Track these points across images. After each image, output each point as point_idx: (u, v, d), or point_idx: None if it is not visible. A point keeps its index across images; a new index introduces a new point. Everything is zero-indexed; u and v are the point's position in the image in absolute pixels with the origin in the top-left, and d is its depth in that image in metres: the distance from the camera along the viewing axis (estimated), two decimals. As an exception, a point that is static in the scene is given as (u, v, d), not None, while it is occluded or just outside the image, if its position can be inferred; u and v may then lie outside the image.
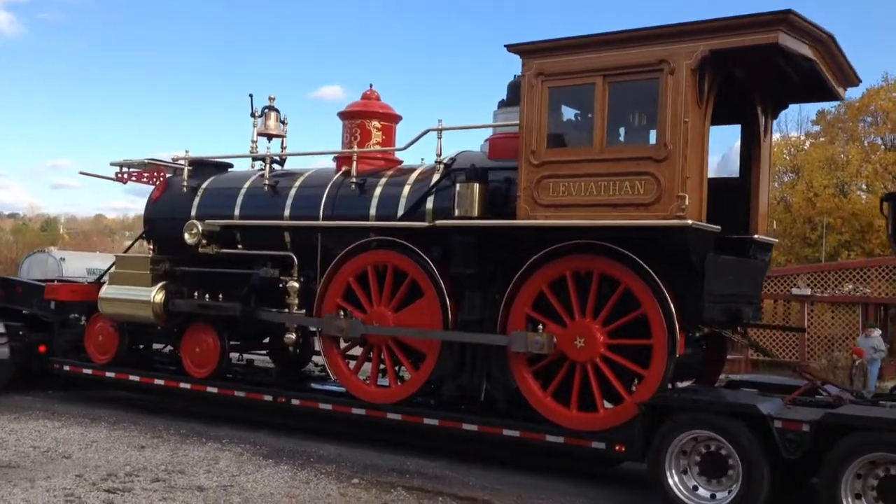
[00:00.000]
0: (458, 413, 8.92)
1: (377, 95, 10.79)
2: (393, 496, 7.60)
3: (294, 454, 9.12)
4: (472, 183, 8.66)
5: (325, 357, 9.88)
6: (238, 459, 8.81)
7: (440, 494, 7.69)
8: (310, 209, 10.21)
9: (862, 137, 34.15)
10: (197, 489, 7.57)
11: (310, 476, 8.18)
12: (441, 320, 8.97)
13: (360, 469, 8.56)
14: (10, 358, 12.34)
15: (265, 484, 7.85)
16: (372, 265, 9.53)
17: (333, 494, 7.56)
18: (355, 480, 8.07)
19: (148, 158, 12.17)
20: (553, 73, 7.99)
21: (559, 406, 8.29)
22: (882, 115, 33.63)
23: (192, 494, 7.39)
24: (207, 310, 10.57)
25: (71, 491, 7.38)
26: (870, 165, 33.31)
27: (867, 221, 30.51)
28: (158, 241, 11.50)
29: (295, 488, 7.73)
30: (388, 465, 8.76)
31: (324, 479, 8.10)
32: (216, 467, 8.41)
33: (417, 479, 8.29)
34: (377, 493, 7.67)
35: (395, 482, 8.06)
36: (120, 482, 7.73)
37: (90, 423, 10.56)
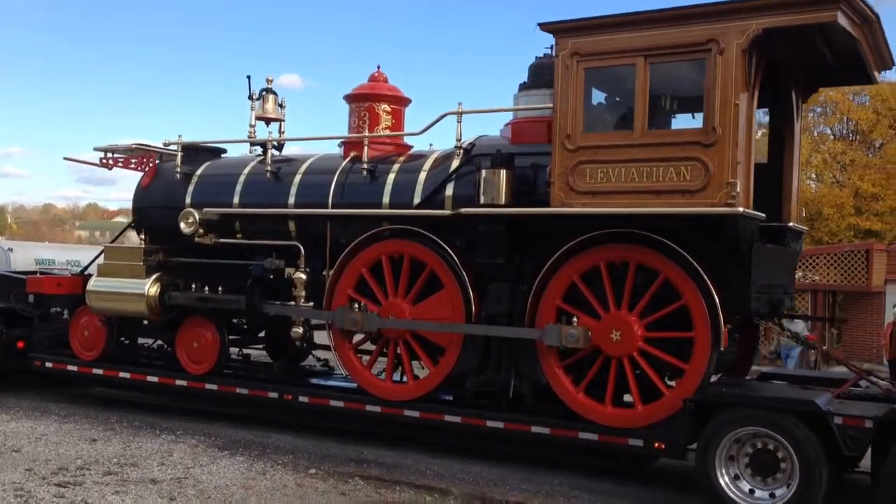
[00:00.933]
0: (481, 410, 8.52)
1: (385, 77, 10.30)
2: (350, 486, 7.53)
3: (250, 445, 9.00)
4: (498, 169, 8.25)
5: (337, 352, 9.39)
6: (192, 451, 8.66)
7: (398, 483, 7.65)
8: (317, 197, 9.70)
9: (811, 128, 34.41)
10: (150, 482, 7.40)
11: (266, 467, 8.08)
12: (463, 313, 8.55)
13: (317, 459, 8.47)
14: None
15: (220, 475, 7.72)
16: (387, 255, 9.07)
17: (290, 485, 7.48)
18: (312, 471, 7.97)
19: (136, 143, 11.54)
20: (590, 53, 7.59)
21: (593, 402, 7.94)
22: (831, 106, 33.99)
23: (146, 487, 7.22)
24: (207, 303, 10.01)
25: (21, 485, 7.13)
26: (819, 155, 33.80)
27: (816, 210, 30.88)
28: (150, 231, 10.88)
29: (251, 479, 7.62)
30: (345, 455, 8.69)
31: (280, 469, 8.01)
32: (170, 459, 8.26)
33: (375, 468, 8.24)
34: (334, 483, 7.60)
35: (352, 472, 7.99)
36: (71, 476, 7.53)
37: (40, 416, 10.22)
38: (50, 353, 11.61)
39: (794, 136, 8.66)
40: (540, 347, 8.12)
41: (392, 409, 8.94)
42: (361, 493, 7.39)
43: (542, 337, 7.94)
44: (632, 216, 7.40)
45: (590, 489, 7.80)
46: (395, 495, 7.38)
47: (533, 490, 7.73)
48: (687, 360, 7.56)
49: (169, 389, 10.62)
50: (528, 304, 8.17)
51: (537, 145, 8.56)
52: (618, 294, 7.81)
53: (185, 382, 10.31)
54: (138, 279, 10.37)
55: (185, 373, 10.33)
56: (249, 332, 11.27)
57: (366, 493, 7.39)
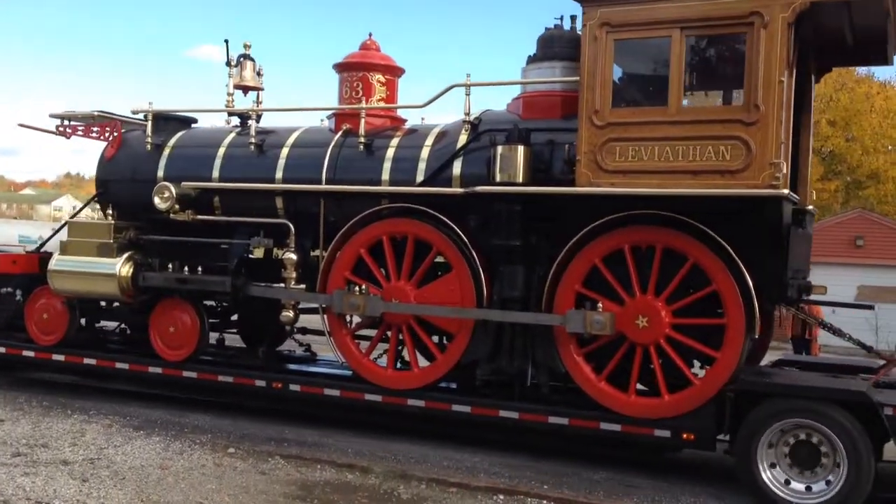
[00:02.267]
0: (493, 399, 8.12)
1: (377, 46, 9.67)
2: (270, 465, 7.44)
3: (167, 425, 8.80)
4: (515, 145, 7.78)
5: (333, 338, 8.83)
6: (106, 431, 8.42)
7: (318, 462, 7.56)
8: (308, 172, 9.06)
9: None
10: (62, 463, 7.18)
11: (183, 447, 7.92)
12: (473, 297, 8.09)
13: (236, 439, 8.34)
14: None
15: (135, 456, 7.54)
16: (388, 235, 8.53)
17: (208, 465, 7.33)
18: (231, 450, 7.86)
19: (97, 110, 10.65)
20: (621, 23, 7.16)
21: (616, 391, 7.61)
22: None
23: (57, 469, 7.00)
24: (187, 284, 9.31)
25: (-78, 469, 6.83)
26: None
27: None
28: (117, 206, 10.06)
29: (168, 460, 7.45)
30: (264, 435, 8.58)
31: (198, 449, 7.87)
32: (82, 440, 8.01)
33: (295, 447, 8.13)
34: (254, 462, 7.50)
35: (272, 451, 7.88)
36: (-23, 458, 7.22)
37: (-57, 398, 9.76)
38: (2, 337, 10.72)
39: (809, 117, 8.43)
40: (559, 334, 7.75)
41: (394, 399, 8.45)
42: (281, 471, 7.27)
43: (564, 323, 7.55)
44: (671, 197, 7.02)
45: (510, 465, 7.80)
46: (315, 474, 7.27)
47: (454, 467, 7.70)
48: (714, 347, 7.29)
49: (140, 377, 9.92)
50: (546, 289, 7.78)
51: (552, 120, 8.14)
52: (643, 279, 7.47)
53: (161, 370, 9.60)
54: (108, 258, 9.57)
55: (160, 359, 9.63)
56: (223, 316, 10.61)
57: (286, 471, 7.28)
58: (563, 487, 7.25)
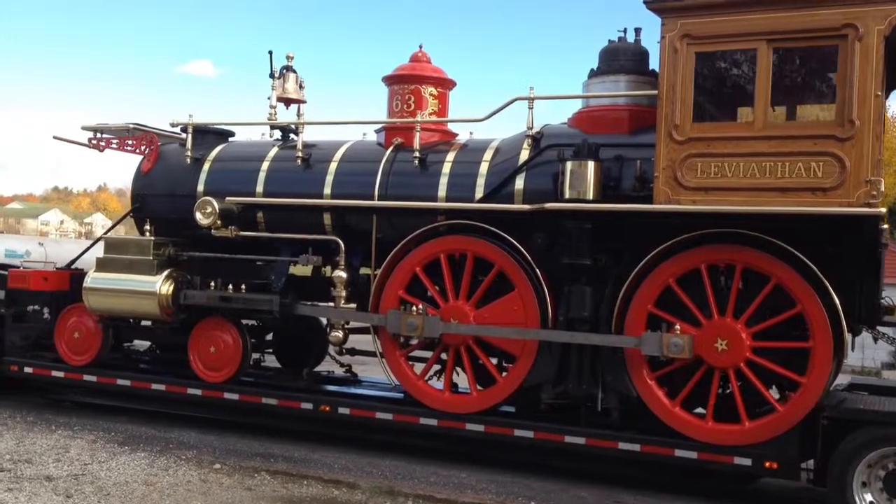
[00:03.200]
0: (558, 424, 7.79)
1: (428, 58, 9.40)
2: (256, 481, 7.37)
3: (152, 440, 8.73)
4: (586, 161, 7.51)
5: (387, 359, 8.49)
6: (91, 447, 8.32)
7: (305, 478, 7.51)
8: (359, 188, 8.76)
9: None
10: (45, 479, 7.09)
11: (169, 463, 7.83)
12: (538, 318, 7.78)
13: (222, 454, 8.27)
14: None
15: (120, 472, 7.45)
16: (445, 253, 8.21)
17: (194, 481, 7.26)
18: (217, 466, 7.79)
19: (132, 123, 10.33)
20: (703, 35, 6.90)
21: (692, 417, 7.30)
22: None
23: (40, 485, 6.91)
24: (231, 303, 8.95)
25: None
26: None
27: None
28: (154, 222, 9.70)
29: (153, 476, 7.37)
30: (251, 450, 8.52)
31: (184, 465, 7.78)
32: (66, 456, 7.92)
33: (282, 462, 8.09)
34: (240, 478, 7.44)
35: (258, 467, 7.81)
36: (-40, 474, 7.10)
37: (-79, 414, 9.59)
38: (28, 356, 10.33)
39: (881, 129, 8.18)
40: (630, 357, 7.44)
41: (452, 423, 8.11)
42: (268, 487, 7.21)
43: (639, 345, 7.25)
44: (754, 216, 6.74)
45: (497, 481, 7.73)
46: (302, 490, 7.21)
47: (441, 483, 7.64)
48: (796, 371, 7.00)
49: (177, 399, 9.55)
50: (616, 309, 7.48)
51: (619, 136, 7.88)
52: (721, 299, 7.18)
53: (200, 391, 9.23)
54: (148, 276, 9.22)
55: (198, 380, 9.26)
56: (259, 335, 10.25)
57: (272, 487, 7.22)
58: (550, 503, 7.21)
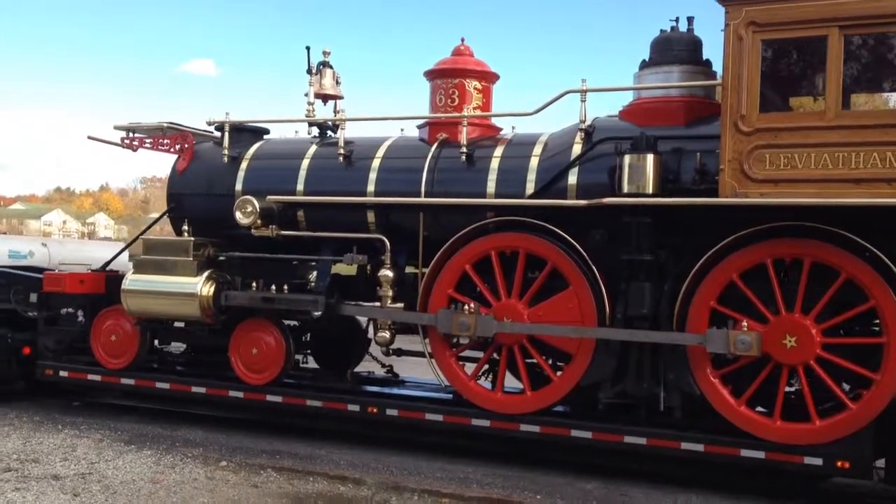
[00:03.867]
0: (616, 424, 7.60)
1: (471, 51, 9.19)
2: (262, 478, 7.39)
3: (158, 439, 8.74)
4: (645, 154, 7.31)
5: (437, 359, 8.30)
6: (97, 446, 8.35)
7: (311, 474, 7.53)
8: (404, 185, 8.58)
9: None
10: (53, 478, 7.11)
11: (175, 460, 7.85)
12: (594, 315, 7.58)
13: (228, 452, 8.29)
14: None
15: (127, 470, 7.47)
16: (497, 250, 8.02)
17: (200, 479, 7.29)
18: (223, 463, 7.81)
19: (166, 122, 10.14)
20: (769, 22, 6.70)
21: (760, 416, 7.11)
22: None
23: (48, 484, 6.93)
24: (274, 304, 8.77)
25: (-85, 485, 6.67)
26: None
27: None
28: (191, 222, 9.51)
29: (159, 473, 7.39)
30: (257, 447, 8.52)
31: (190, 463, 7.80)
32: (73, 455, 7.95)
33: (288, 459, 8.08)
34: (246, 475, 7.47)
35: (264, 464, 7.83)
36: (-32, 474, 7.08)
37: (-71, 414, 9.57)
38: (62, 360, 10.15)
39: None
40: (693, 354, 7.25)
41: (506, 424, 7.93)
42: (274, 484, 7.23)
43: (704, 343, 7.05)
44: (824, 208, 6.53)
45: (503, 476, 7.74)
46: (308, 486, 7.23)
47: (447, 478, 7.63)
48: (869, 367, 6.80)
49: (218, 402, 9.38)
50: (678, 306, 7.28)
51: (675, 128, 7.68)
52: (788, 295, 6.98)
53: (242, 394, 9.05)
54: (188, 277, 9.03)
55: (239, 382, 9.08)
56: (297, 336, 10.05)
57: (278, 484, 7.24)
58: (557, 497, 7.14)
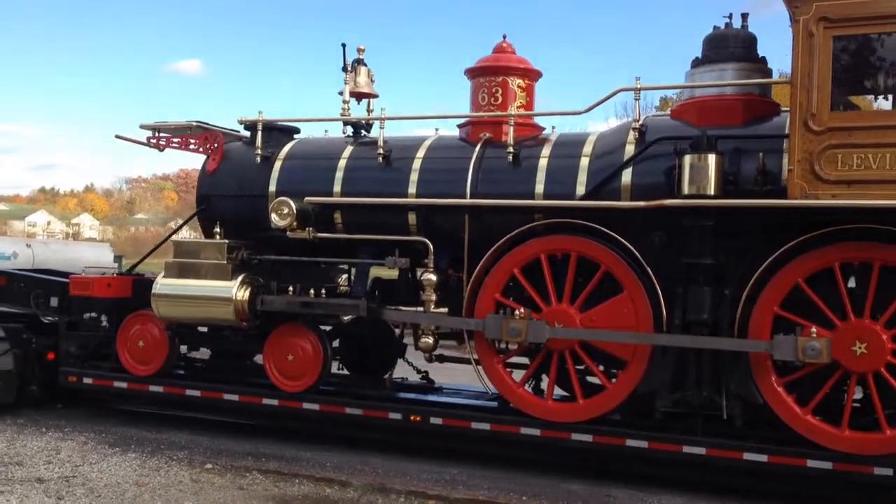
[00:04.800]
0: (673, 434, 7.36)
1: (513, 48, 8.95)
2: (248, 480, 7.41)
3: (143, 441, 8.70)
4: (706, 154, 7.07)
5: (484, 366, 8.06)
6: (81, 449, 8.31)
7: (297, 476, 7.52)
8: (447, 186, 8.32)
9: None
10: (36, 481, 7.09)
11: (160, 463, 7.85)
12: (651, 321, 7.35)
13: (213, 454, 8.27)
14: (14, 368, 9.79)
15: (111, 473, 7.45)
16: (546, 254, 7.77)
17: (185, 481, 7.30)
18: (209, 466, 7.80)
19: (194, 121, 9.86)
20: (841, 18, 6.48)
21: (827, 425, 6.88)
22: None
23: (32, 487, 6.91)
24: (313, 308, 8.51)
25: None
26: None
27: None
28: (223, 223, 9.23)
29: (144, 476, 7.39)
30: (242, 450, 8.48)
31: (175, 465, 7.80)
32: (57, 458, 7.91)
33: (273, 461, 8.07)
34: (232, 477, 7.47)
35: (250, 466, 7.82)
36: (-48, 477, 7.06)
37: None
38: (86, 366, 9.86)
39: None
40: (756, 362, 7.02)
41: (557, 433, 7.68)
42: (259, 486, 7.25)
43: (770, 349, 6.82)
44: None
45: (488, 477, 7.71)
46: (294, 488, 7.25)
47: (433, 479, 7.62)
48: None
49: (250, 410, 9.10)
50: (740, 311, 7.05)
51: (733, 127, 7.44)
52: (856, 300, 6.76)
53: (277, 402, 8.77)
54: (223, 281, 8.75)
55: (275, 389, 8.80)
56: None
57: (264, 486, 7.26)
58: (542, 498, 7.17)
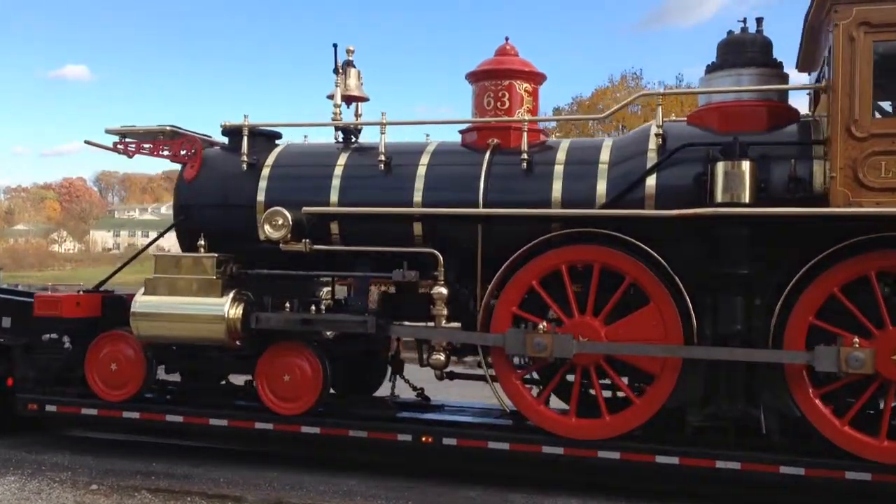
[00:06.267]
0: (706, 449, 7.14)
1: (516, 50, 8.62)
2: (136, 500, 7.18)
3: (22, 463, 8.31)
4: (740, 161, 6.89)
5: (501, 382, 7.68)
6: None
7: (189, 494, 7.34)
8: (456, 194, 7.93)
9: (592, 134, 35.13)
10: None
11: (41, 486, 7.54)
12: (679, 333, 7.12)
13: (99, 475, 7.97)
14: None
15: None
16: (567, 265, 7.46)
17: (69, 503, 7.04)
18: (94, 487, 7.54)
19: (168, 125, 9.17)
20: (883, 23, 6.40)
21: (866, 437, 6.77)
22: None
23: None
24: (313, 325, 7.97)
25: None
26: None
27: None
28: (208, 236, 8.57)
29: (24, 500, 7.10)
30: (131, 469, 8.20)
31: (58, 487, 7.50)
32: None
33: (164, 480, 7.85)
34: (118, 497, 7.24)
35: (138, 485, 7.60)
36: None
37: None
38: (46, 392, 9.03)
39: None
40: (792, 373, 6.87)
41: (582, 451, 7.37)
42: None
43: (811, 360, 6.67)
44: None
45: (387, 487, 7.66)
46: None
47: (330, 491, 7.53)
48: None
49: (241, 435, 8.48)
50: (774, 322, 6.89)
51: (760, 133, 7.30)
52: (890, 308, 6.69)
53: (272, 426, 8.19)
54: (212, 297, 8.12)
55: (267, 412, 8.22)
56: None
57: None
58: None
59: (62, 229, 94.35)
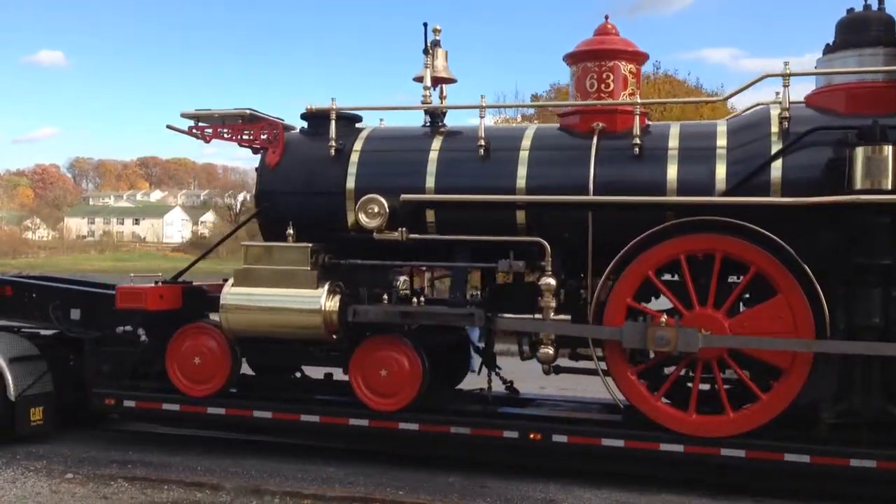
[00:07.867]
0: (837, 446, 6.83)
1: (617, 30, 8.24)
2: (113, 489, 7.14)
3: None
4: (881, 145, 6.54)
5: (615, 377, 7.36)
6: None
7: (165, 482, 7.30)
8: (563, 180, 7.58)
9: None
10: None
11: (16, 475, 7.51)
12: (811, 325, 6.79)
13: (74, 463, 7.93)
14: (55, 391, 8.60)
15: None
16: (686, 254, 7.12)
17: (44, 492, 7.01)
18: (69, 476, 7.50)
19: (248, 109, 8.78)
20: None
21: None
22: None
23: None
24: (413, 318, 7.64)
25: None
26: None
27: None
28: (292, 224, 8.21)
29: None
30: (107, 458, 8.15)
31: (32, 476, 7.49)
32: None
33: (140, 468, 7.82)
34: (94, 486, 7.20)
35: (115, 474, 7.56)
36: None
37: None
38: (122, 387, 8.71)
39: None
40: (932, 369, 6.56)
41: (703, 449, 7.06)
42: (125, 494, 7.01)
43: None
44: None
45: (365, 474, 7.64)
46: (162, 494, 7.04)
47: (308, 479, 7.52)
48: None
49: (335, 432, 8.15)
50: (914, 314, 6.58)
51: (889, 116, 6.93)
52: None
53: (367, 422, 7.87)
54: (307, 289, 7.77)
55: (365, 408, 7.89)
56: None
57: (130, 494, 7.01)
58: (420, 492, 7.17)
59: (35, 216, 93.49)
